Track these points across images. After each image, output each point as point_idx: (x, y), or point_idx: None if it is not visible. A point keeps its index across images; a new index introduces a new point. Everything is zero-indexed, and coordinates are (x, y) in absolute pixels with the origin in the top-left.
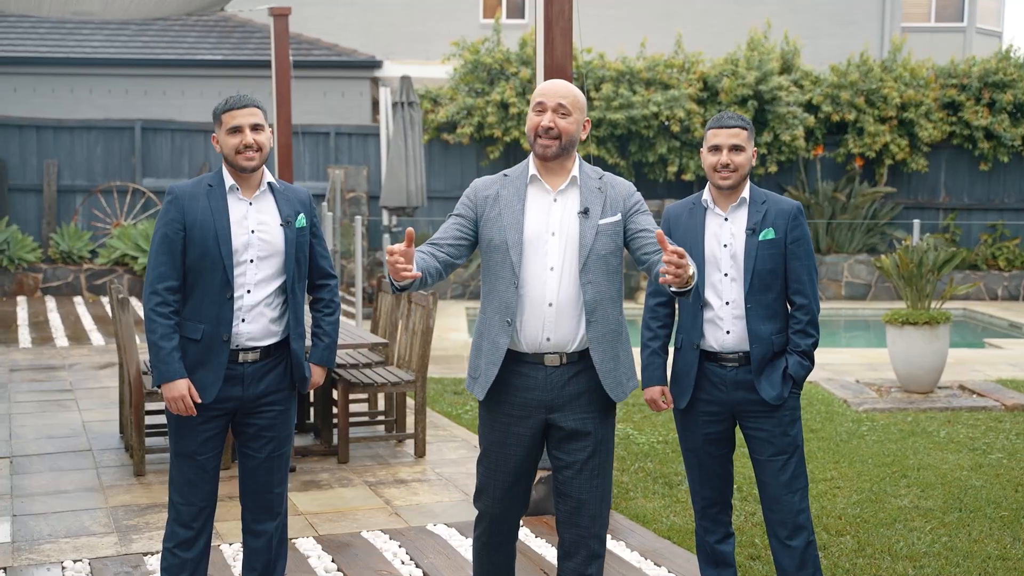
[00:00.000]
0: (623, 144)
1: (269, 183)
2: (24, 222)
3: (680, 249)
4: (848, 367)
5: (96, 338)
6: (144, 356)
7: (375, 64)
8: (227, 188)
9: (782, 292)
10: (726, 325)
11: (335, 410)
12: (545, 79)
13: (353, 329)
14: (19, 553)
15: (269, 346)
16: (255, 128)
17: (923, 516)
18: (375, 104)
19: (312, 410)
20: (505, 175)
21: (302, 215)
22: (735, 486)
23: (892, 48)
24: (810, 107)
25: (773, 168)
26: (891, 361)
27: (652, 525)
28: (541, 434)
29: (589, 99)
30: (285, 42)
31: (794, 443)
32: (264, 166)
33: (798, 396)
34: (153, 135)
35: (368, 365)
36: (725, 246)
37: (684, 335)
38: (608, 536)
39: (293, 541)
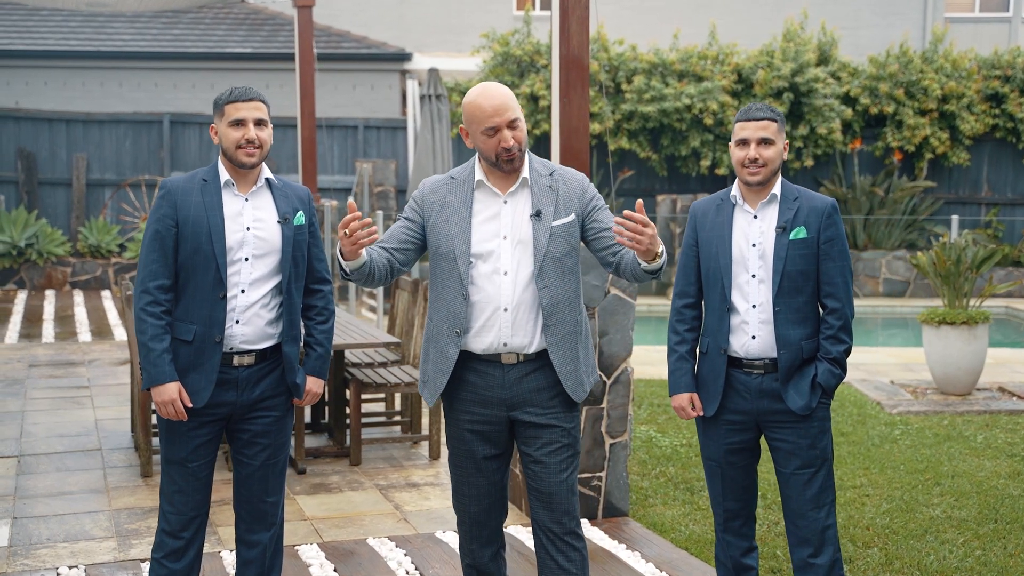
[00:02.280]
0: (655, 137)
1: (267, 179)
2: (53, 216)
3: (644, 218)
4: (883, 367)
5: (119, 333)
6: None
7: (404, 56)
8: (222, 183)
9: (814, 295)
10: (752, 330)
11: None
12: (561, 70)
13: (365, 328)
14: (15, 558)
15: (265, 349)
16: (259, 123)
17: (956, 527)
18: (405, 97)
19: (326, 410)
20: (452, 177)
21: (301, 213)
22: (759, 493)
23: (933, 39)
24: (848, 99)
25: (809, 162)
26: (927, 362)
27: (670, 534)
28: (506, 430)
29: (620, 91)
30: (309, 34)
31: (822, 456)
32: (263, 162)
33: (828, 406)
34: (182, 128)
35: (384, 364)
36: (754, 245)
37: (710, 339)
38: (623, 546)
39: (296, 548)
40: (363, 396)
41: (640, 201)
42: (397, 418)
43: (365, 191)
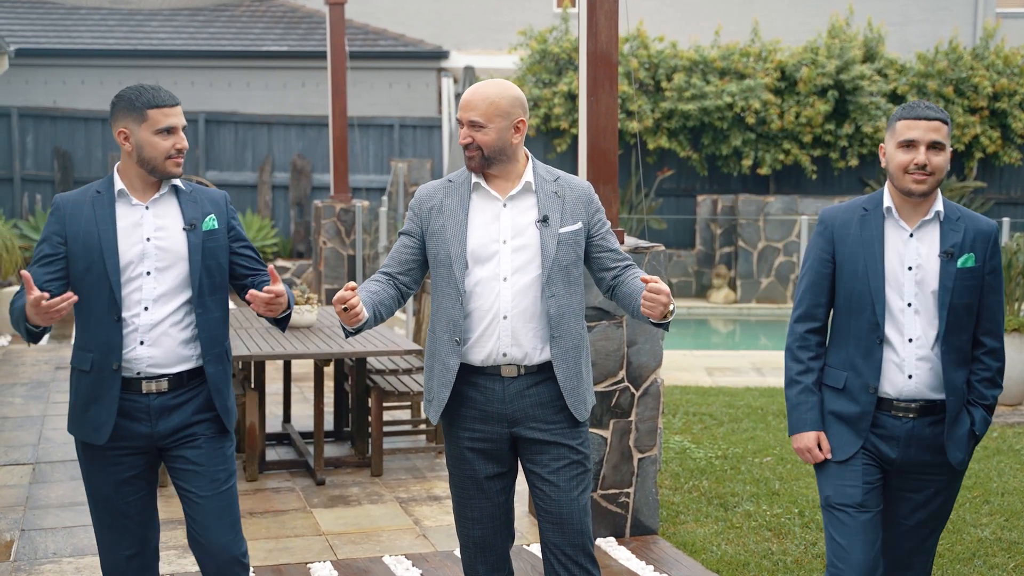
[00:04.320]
0: (695, 136)
1: (173, 185)
2: None
3: (665, 288)
4: None
5: None
6: None
7: (441, 54)
8: (116, 193)
9: (972, 332)
10: (908, 368)
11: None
12: (588, 67)
13: (388, 334)
14: (18, 573)
15: (182, 373)
16: (183, 129)
17: (1007, 550)
18: (441, 95)
19: (349, 417)
20: (450, 180)
21: (212, 217)
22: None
23: (984, 34)
24: (894, 97)
25: (854, 161)
26: None
27: (701, 555)
28: (508, 447)
29: (660, 89)
30: (341, 32)
31: (947, 513)
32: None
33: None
34: (216, 127)
35: (408, 371)
36: (910, 269)
37: (851, 374)
38: (651, 567)
39: (309, 566)
40: (388, 404)
41: (645, 277)
42: (423, 427)
43: (400, 190)
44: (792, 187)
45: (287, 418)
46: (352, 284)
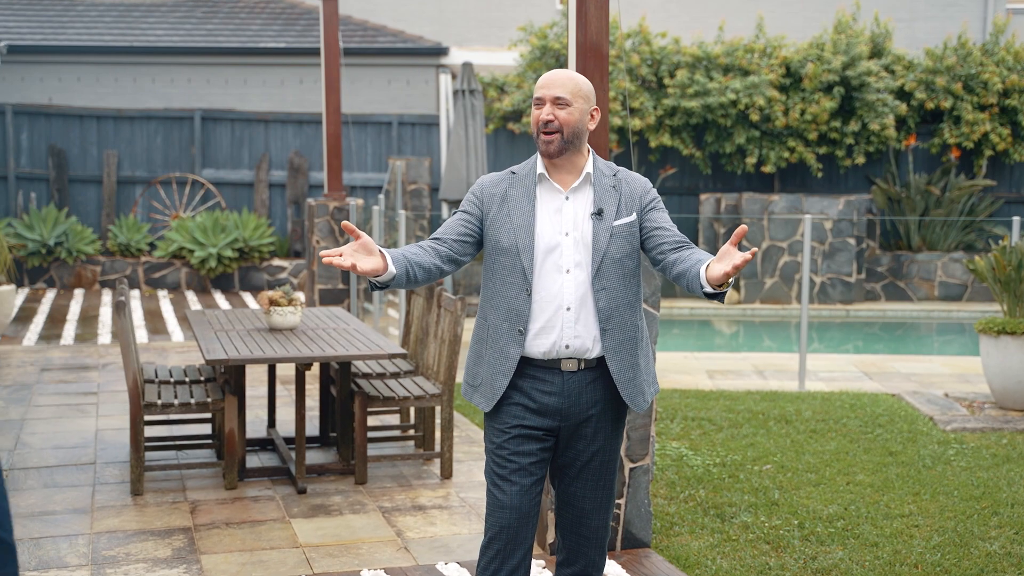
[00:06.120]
0: (699, 134)
1: None
2: (84, 213)
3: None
4: (937, 378)
5: (141, 335)
6: (143, 361)
7: (440, 51)
8: None
9: None
10: None
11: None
12: (577, 59)
13: (373, 336)
14: None
15: None
16: None
17: (1016, 566)
18: (440, 93)
19: (332, 422)
20: (513, 172)
21: None
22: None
23: (994, 30)
24: (902, 94)
25: (861, 159)
26: (985, 374)
27: (695, 570)
28: (553, 441)
29: (662, 86)
30: (335, 27)
31: None
32: None
33: None
34: (213, 125)
35: (396, 375)
36: None
37: None
38: None
39: None
40: (374, 409)
41: (744, 227)
42: (411, 432)
43: (398, 188)
44: (797, 185)
45: (272, 423)
46: (346, 224)
